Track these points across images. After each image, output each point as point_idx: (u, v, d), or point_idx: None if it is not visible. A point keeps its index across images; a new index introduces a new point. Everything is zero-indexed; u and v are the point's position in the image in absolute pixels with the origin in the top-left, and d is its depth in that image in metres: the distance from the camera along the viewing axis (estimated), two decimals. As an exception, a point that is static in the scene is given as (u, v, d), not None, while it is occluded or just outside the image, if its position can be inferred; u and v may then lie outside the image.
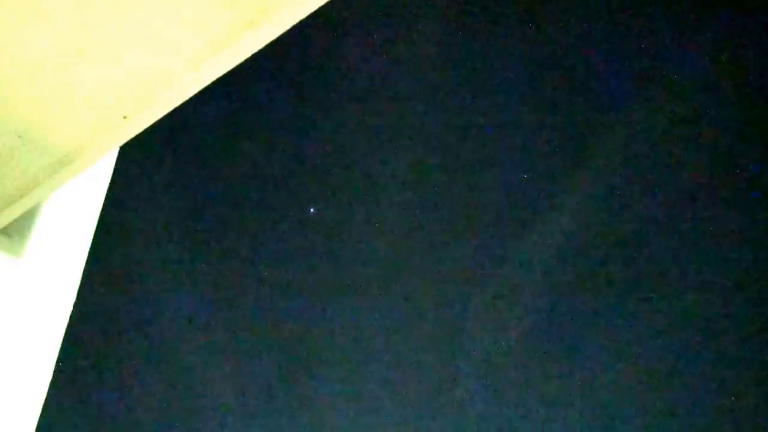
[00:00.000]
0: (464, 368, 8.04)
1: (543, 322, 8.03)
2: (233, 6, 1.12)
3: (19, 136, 1.48)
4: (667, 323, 7.68)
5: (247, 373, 8.03)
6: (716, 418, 7.44)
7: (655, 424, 7.58)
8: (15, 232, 1.81)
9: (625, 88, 7.69)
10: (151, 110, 1.38)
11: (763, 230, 7.48)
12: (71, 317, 1.91)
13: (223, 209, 8.09)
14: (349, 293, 8.21)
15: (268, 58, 7.24)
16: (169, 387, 7.75)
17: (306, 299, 8.19)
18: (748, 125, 7.48)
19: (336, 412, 7.94)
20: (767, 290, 7.42)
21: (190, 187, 7.96)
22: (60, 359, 1.85)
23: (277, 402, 7.98)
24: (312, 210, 7.91)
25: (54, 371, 1.83)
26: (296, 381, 8.08)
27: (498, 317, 8.04)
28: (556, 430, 7.73)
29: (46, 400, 1.80)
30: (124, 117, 1.40)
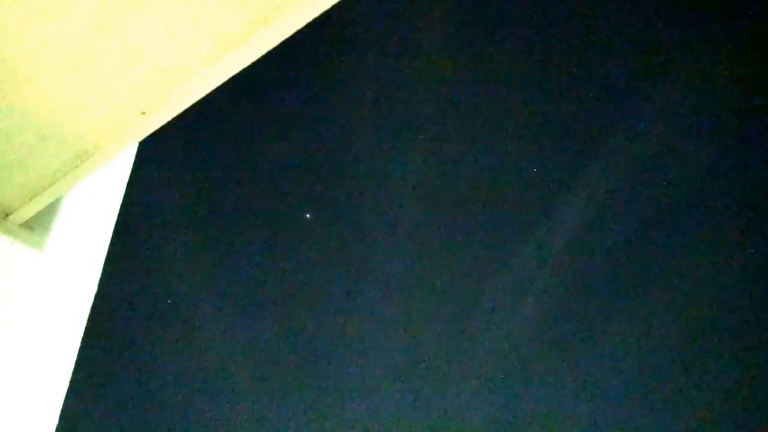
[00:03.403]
0: (473, 363, 8.04)
1: (551, 317, 8.00)
2: (248, 4, 1.14)
3: (40, 132, 1.51)
4: (674, 318, 7.63)
5: (263, 361, 8.09)
6: (721, 405, 7.40)
7: (662, 417, 7.55)
8: (37, 225, 1.84)
9: (632, 91, 7.63)
10: (169, 106, 1.39)
11: (764, 231, 7.42)
12: (92, 309, 1.93)
13: (240, 203, 8.13)
14: (362, 287, 8.22)
15: (282, 55, 7.26)
16: (188, 375, 7.83)
17: (319, 293, 8.22)
18: (754, 127, 7.40)
19: (346, 403, 7.97)
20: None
21: (209, 182, 8.02)
22: (81, 350, 1.87)
23: (291, 390, 8.02)
24: (309, 214, 7.94)
25: (76, 362, 1.86)
26: (310, 370, 8.12)
27: (506, 313, 8.02)
28: (563, 423, 7.71)
29: (69, 389, 1.83)
30: (143, 113, 1.42)
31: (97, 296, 1.94)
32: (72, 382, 1.84)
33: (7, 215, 1.76)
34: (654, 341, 7.65)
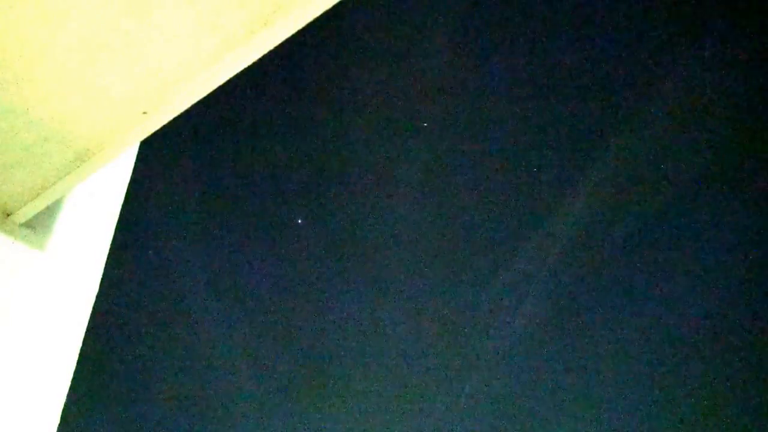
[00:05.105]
0: (474, 362, 8.05)
1: (550, 317, 8.01)
2: (249, 5, 1.14)
3: (41, 132, 1.51)
4: (671, 319, 7.65)
5: (264, 364, 8.10)
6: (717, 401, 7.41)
7: (660, 417, 7.56)
8: (39, 224, 1.84)
9: (630, 93, 7.65)
10: (171, 106, 1.40)
11: (763, 231, 7.44)
12: (94, 309, 1.93)
13: (242, 204, 8.14)
14: (364, 288, 8.23)
15: (283, 55, 7.27)
16: (189, 375, 7.85)
17: (322, 294, 8.23)
18: (751, 130, 7.42)
19: (346, 404, 7.98)
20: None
21: (210, 181, 8.03)
22: (83, 350, 1.88)
23: (292, 389, 8.04)
24: (302, 217, 7.95)
25: (77, 362, 1.86)
26: (311, 371, 8.13)
27: (506, 313, 8.03)
28: (562, 423, 7.73)
29: (70, 389, 1.83)
30: (144, 113, 1.43)
31: (99, 296, 1.94)
32: (73, 382, 1.84)
33: (8, 215, 1.77)
34: (656, 341, 7.66)
